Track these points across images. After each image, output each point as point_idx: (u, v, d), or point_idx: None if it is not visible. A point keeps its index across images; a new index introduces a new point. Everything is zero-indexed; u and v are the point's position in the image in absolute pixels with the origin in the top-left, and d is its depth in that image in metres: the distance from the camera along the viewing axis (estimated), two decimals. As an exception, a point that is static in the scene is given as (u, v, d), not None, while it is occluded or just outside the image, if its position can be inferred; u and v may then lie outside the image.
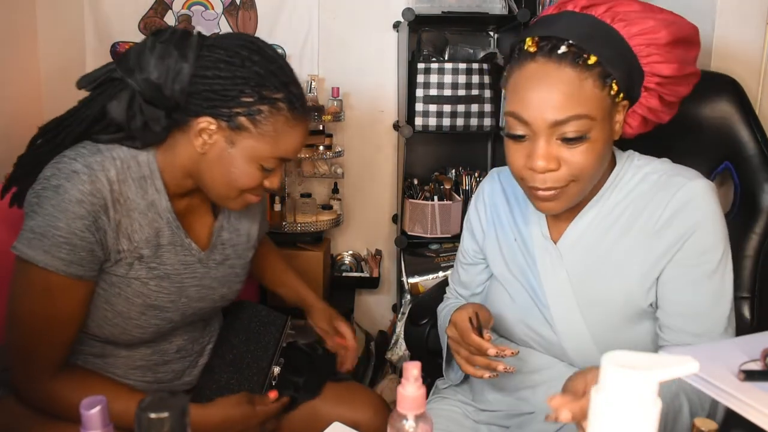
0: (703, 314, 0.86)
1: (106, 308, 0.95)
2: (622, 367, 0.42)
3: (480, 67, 1.96)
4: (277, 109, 0.92)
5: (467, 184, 2.16)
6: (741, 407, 0.58)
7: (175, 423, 0.46)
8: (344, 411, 1.18)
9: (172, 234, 0.99)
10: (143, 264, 0.96)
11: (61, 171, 0.88)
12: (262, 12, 2.14)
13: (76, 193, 0.87)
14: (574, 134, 0.80)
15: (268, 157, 0.95)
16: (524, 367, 0.98)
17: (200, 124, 0.92)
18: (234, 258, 1.12)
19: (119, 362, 1.02)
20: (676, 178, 0.88)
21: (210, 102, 0.90)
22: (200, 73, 0.90)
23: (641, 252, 0.88)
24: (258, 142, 0.93)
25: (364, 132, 2.24)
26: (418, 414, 0.56)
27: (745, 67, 1.32)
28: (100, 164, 0.90)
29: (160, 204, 0.97)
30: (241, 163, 0.94)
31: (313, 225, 2.02)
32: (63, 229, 0.86)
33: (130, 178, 0.94)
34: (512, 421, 0.99)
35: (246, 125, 0.92)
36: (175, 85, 0.89)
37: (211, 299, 1.08)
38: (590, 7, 0.84)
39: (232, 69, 0.90)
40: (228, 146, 0.93)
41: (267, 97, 0.91)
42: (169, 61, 0.89)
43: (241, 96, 0.90)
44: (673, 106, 0.91)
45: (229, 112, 0.91)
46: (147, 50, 0.90)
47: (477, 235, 1.09)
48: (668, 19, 0.84)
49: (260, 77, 0.91)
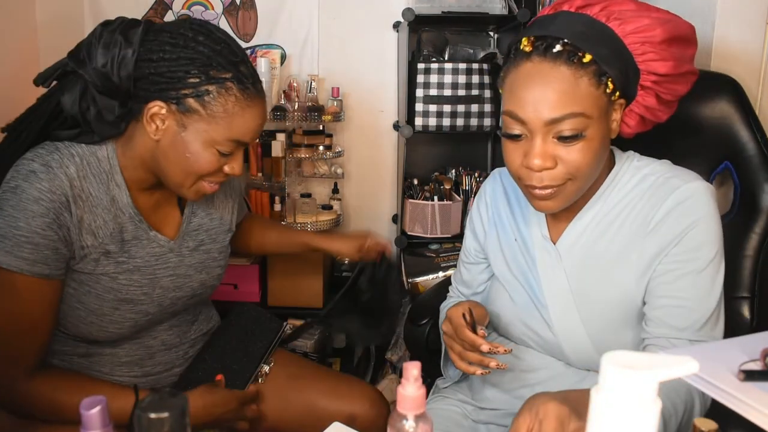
0: (688, 308, 0.85)
1: (79, 307, 0.95)
2: (622, 367, 0.42)
3: (480, 67, 1.96)
4: (226, 89, 0.90)
5: (467, 184, 2.15)
6: (741, 407, 0.58)
7: (175, 423, 0.46)
8: (342, 404, 1.18)
9: (135, 228, 0.99)
10: (111, 259, 0.96)
11: (19, 172, 0.89)
12: (262, 12, 2.14)
13: (34, 192, 0.87)
14: (570, 132, 0.80)
15: (223, 140, 0.92)
16: (523, 367, 0.99)
17: (151, 110, 0.90)
18: (209, 242, 1.11)
19: (104, 360, 1.02)
20: (674, 180, 0.88)
21: (157, 86, 0.89)
22: (145, 56, 0.89)
23: (637, 252, 0.88)
24: (209, 124, 0.91)
25: (364, 132, 2.24)
26: (418, 414, 0.56)
27: (745, 68, 1.32)
28: (58, 162, 0.90)
29: (121, 199, 0.97)
30: (196, 147, 0.92)
31: (313, 225, 2.02)
32: (23, 228, 0.86)
33: (90, 174, 0.94)
34: (511, 420, 0.98)
35: (195, 107, 0.90)
36: (121, 72, 0.89)
37: (189, 287, 1.08)
38: (586, 7, 0.85)
39: (177, 50, 0.89)
40: (180, 130, 0.91)
41: (214, 77, 0.89)
42: (114, 48, 0.88)
43: (188, 77, 0.89)
44: (671, 105, 0.91)
45: (177, 95, 0.89)
46: (95, 40, 0.90)
47: (479, 234, 1.09)
48: (663, 17, 0.85)
49: (206, 57, 0.89)
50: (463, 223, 2.03)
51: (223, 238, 1.15)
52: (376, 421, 1.19)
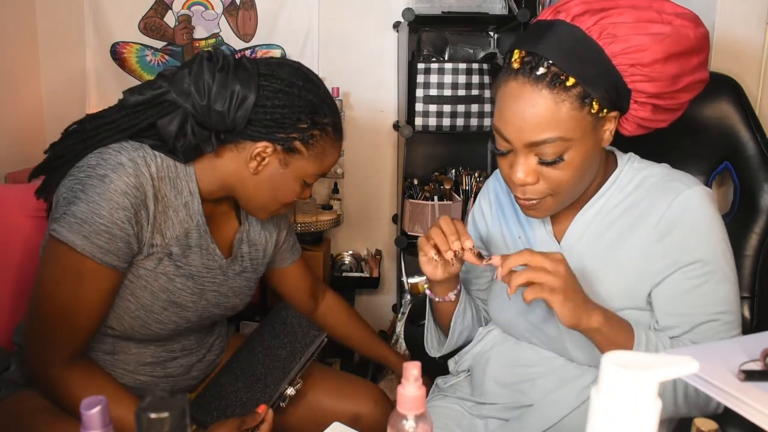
0: (709, 318, 0.87)
1: (131, 300, 0.97)
2: (622, 367, 0.42)
3: (480, 67, 1.96)
4: (326, 132, 1.00)
5: (467, 184, 2.15)
6: (741, 407, 0.58)
7: (175, 423, 0.46)
8: (346, 404, 1.20)
9: (199, 237, 1.02)
10: (171, 261, 0.98)
11: (107, 162, 0.90)
12: (262, 12, 2.15)
13: (122, 185, 0.89)
14: (550, 157, 0.83)
15: (314, 175, 1.03)
16: (524, 362, 1.00)
17: (257, 149, 0.97)
18: (250, 271, 1.15)
19: (129, 359, 1.03)
20: (675, 183, 0.88)
21: (269, 129, 0.96)
22: (261, 102, 0.95)
23: (638, 254, 0.89)
24: (308, 162, 1.00)
25: (364, 132, 2.24)
26: (418, 414, 0.56)
27: (745, 68, 1.32)
28: (143, 159, 0.93)
29: (193, 206, 1.00)
30: (290, 181, 1.02)
31: (313, 225, 2.03)
32: (105, 217, 0.88)
33: (167, 176, 0.96)
34: (511, 414, 0.99)
35: (300, 149, 0.99)
36: (238, 113, 0.94)
37: (224, 307, 1.11)
38: (583, 15, 0.82)
39: (290, 98, 0.96)
40: (281, 168, 1.00)
41: (319, 123, 0.99)
42: (232, 89, 0.93)
43: (298, 123, 0.97)
44: (672, 113, 0.90)
45: (286, 137, 0.97)
46: (205, 76, 0.93)
47: (481, 230, 1.11)
48: (663, 32, 0.81)
49: (314, 105, 0.98)
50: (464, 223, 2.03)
51: (261, 269, 1.19)
52: (381, 420, 1.20)
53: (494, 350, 1.04)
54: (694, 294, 0.86)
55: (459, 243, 0.88)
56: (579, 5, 0.83)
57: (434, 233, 0.91)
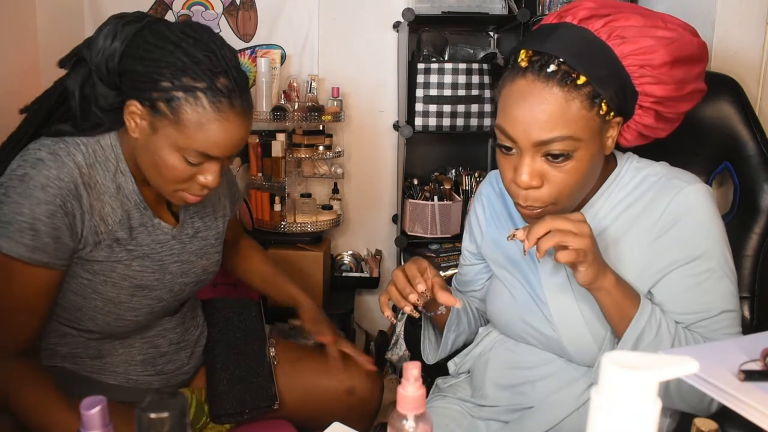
0: (707, 316, 0.87)
1: (96, 297, 0.96)
2: (622, 367, 0.42)
3: (480, 67, 1.96)
4: (195, 98, 0.88)
5: (467, 184, 2.16)
6: (741, 407, 0.58)
7: (175, 423, 0.46)
8: (341, 380, 1.24)
9: (141, 215, 1.01)
10: (121, 246, 0.97)
11: (27, 161, 0.90)
12: (262, 12, 2.14)
13: (41, 179, 0.88)
14: (558, 151, 0.81)
15: (189, 149, 0.91)
16: (523, 363, 0.99)
17: (129, 107, 0.92)
18: (204, 230, 1.14)
19: (118, 360, 1.03)
20: (675, 181, 0.88)
21: (135, 84, 0.90)
22: (129, 53, 0.90)
23: (638, 252, 0.89)
24: (177, 130, 0.89)
25: (364, 132, 2.24)
26: (418, 414, 0.56)
27: (745, 68, 1.32)
28: (65, 150, 0.92)
29: (127, 186, 0.99)
30: (164, 151, 0.91)
31: (313, 225, 2.03)
32: (26, 214, 0.87)
33: (96, 161, 0.95)
34: (512, 416, 0.99)
35: (164, 111, 0.89)
36: (109, 64, 0.91)
37: (193, 273, 1.10)
38: (589, 19, 0.83)
39: (158, 52, 0.88)
40: (152, 132, 0.91)
41: (185, 85, 0.88)
42: (107, 40, 0.90)
43: (160, 80, 0.88)
44: (672, 122, 0.90)
45: (149, 96, 0.89)
46: (103, 29, 0.92)
47: (476, 236, 1.11)
48: (669, 36, 0.82)
49: (182, 63, 0.87)
50: (463, 223, 2.03)
51: (216, 224, 1.17)
52: (374, 391, 1.28)
53: (493, 352, 1.05)
54: (696, 291, 0.86)
55: (414, 295, 0.89)
56: (585, 9, 0.83)
57: (390, 291, 0.92)
